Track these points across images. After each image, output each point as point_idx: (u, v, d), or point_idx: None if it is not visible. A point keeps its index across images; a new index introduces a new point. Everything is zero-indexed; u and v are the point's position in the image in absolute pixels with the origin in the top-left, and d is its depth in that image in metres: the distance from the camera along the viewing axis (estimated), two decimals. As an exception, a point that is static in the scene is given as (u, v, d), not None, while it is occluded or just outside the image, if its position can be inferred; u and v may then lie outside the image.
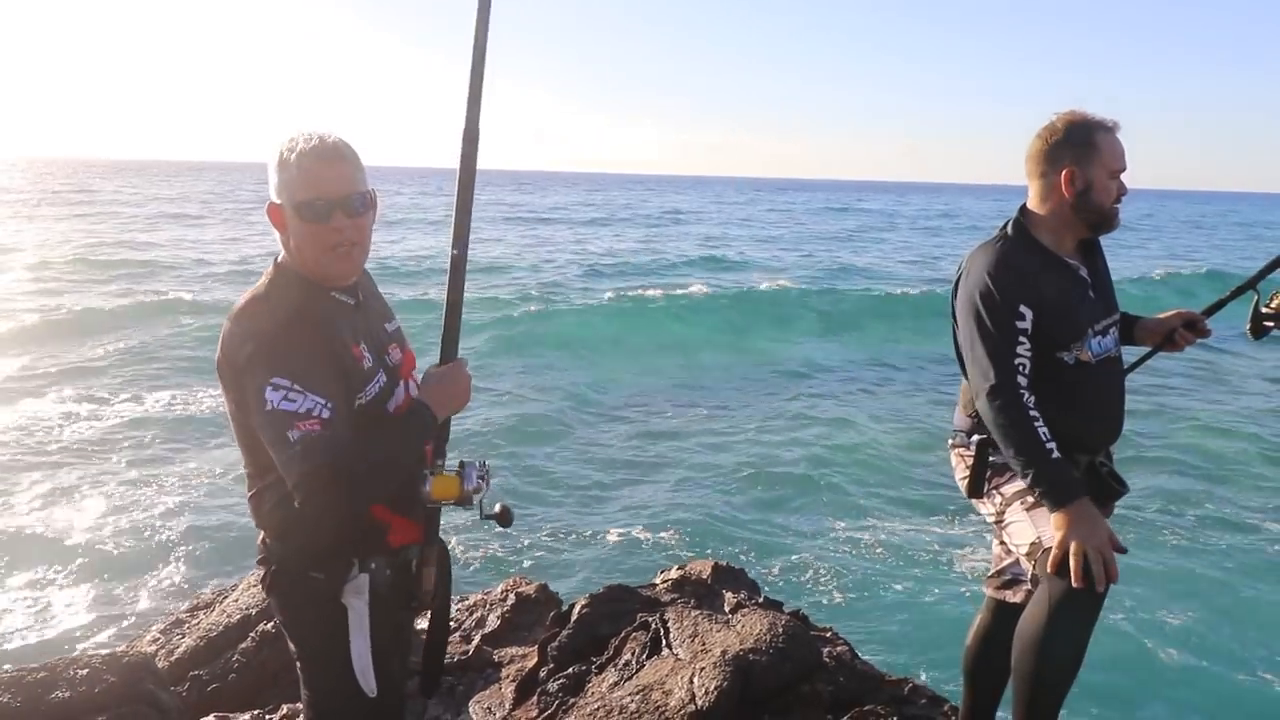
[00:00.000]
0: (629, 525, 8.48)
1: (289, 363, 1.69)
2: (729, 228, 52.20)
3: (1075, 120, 2.34)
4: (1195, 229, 64.89)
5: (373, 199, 1.85)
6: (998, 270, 2.29)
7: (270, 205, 1.82)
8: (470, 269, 2.00)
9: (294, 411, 1.66)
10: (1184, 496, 9.26)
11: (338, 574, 1.84)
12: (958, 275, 2.43)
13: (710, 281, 26.01)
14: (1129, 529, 8.02)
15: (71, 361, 14.48)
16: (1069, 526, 2.15)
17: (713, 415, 12.52)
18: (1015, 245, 2.36)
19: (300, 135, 1.78)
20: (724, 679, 2.82)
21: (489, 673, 3.77)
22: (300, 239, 1.79)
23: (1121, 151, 2.34)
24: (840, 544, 8.18)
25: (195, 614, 4.36)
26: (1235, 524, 8.59)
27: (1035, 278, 2.30)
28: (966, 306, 2.33)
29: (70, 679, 3.15)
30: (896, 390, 14.47)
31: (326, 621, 1.84)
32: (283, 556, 1.86)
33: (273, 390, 1.66)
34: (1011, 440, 2.23)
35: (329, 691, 1.91)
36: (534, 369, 15.30)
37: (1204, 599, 6.98)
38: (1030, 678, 2.24)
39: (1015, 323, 2.26)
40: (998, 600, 2.68)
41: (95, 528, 8.10)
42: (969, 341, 2.33)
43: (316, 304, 1.81)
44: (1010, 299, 2.26)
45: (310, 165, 1.75)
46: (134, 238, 33.99)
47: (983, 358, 2.27)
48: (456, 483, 1.88)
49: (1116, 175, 2.34)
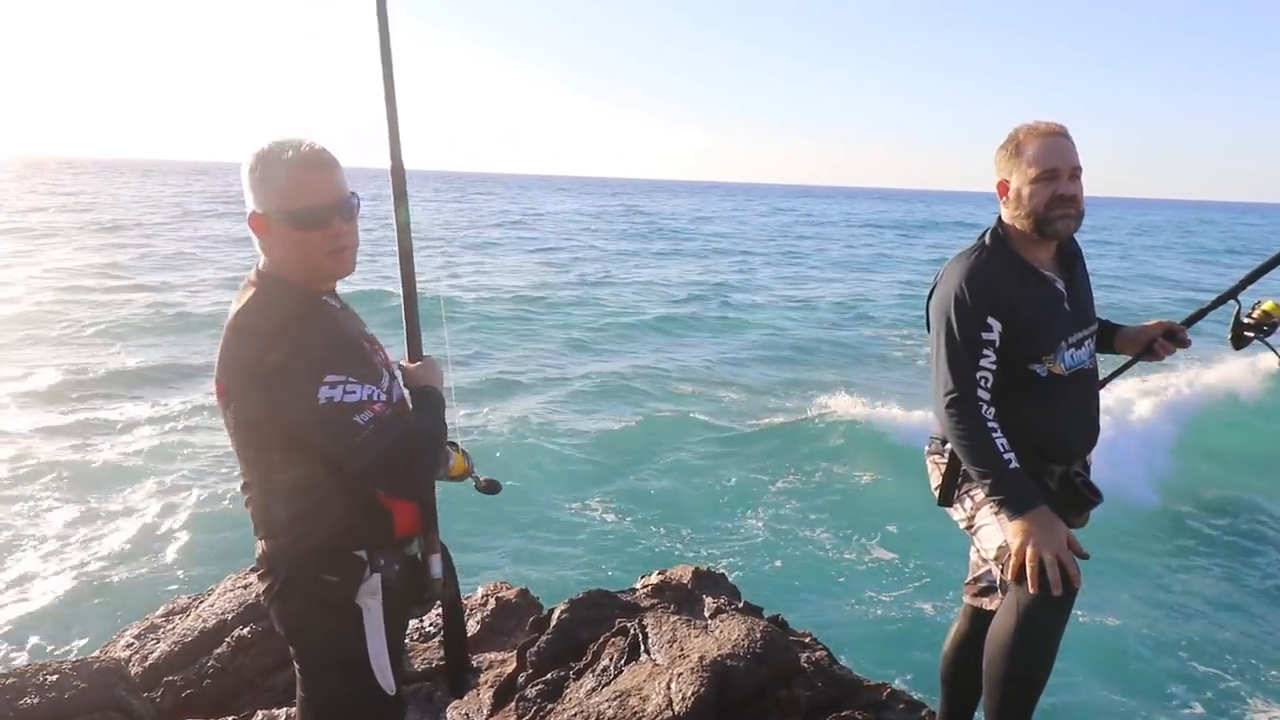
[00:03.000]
0: (612, 530, 8.47)
1: (335, 359, 1.77)
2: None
3: (1013, 130, 2.34)
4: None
5: (359, 200, 1.92)
6: (970, 281, 2.29)
7: (252, 215, 1.83)
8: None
9: (357, 401, 1.75)
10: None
11: (352, 576, 1.85)
12: (933, 284, 2.43)
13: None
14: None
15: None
16: (1026, 534, 2.16)
17: (696, 417, 12.52)
18: (991, 256, 2.35)
19: (282, 145, 1.80)
20: (701, 684, 2.81)
21: (467, 678, 3.75)
22: (294, 246, 1.81)
23: (1051, 153, 2.26)
24: (822, 550, 8.19)
25: (170, 619, 4.31)
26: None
27: (1008, 289, 2.29)
28: (938, 315, 2.34)
29: (39, 685, 3.09)
30: (875, 394, 14.52)
31: (340, 625, 1.86)
32: (292, 562, 1.86)
33: (329, 388, 1.73)
34: (968, 450, 2.25)
35: (341, 695, 1.91)
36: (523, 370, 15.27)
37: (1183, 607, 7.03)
38: (1000, 683, 2.26)
39: (981, 334, 2.25)
40: (974, 607, 2.69)
41: (66, 534, 8.01)
42: (935, 350, 2.33)
43: (316, 307, 1.85)
44: (979, 310, 2.26)
45: (302, 175, 1.78)
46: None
47: (945, 368, 2.28)
48: (463, 460, 2.07)
49: (1046, 178, 2.27)
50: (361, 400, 1.75)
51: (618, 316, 21.38)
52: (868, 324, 22.12)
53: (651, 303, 24.00)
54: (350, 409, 1.73)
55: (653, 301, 24.29)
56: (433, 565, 1.99)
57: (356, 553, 1.86)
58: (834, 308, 24.47)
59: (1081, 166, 2.31)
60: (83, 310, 19.14)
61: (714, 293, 26.08)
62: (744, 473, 10.17)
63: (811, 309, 24.43)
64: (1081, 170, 2.31)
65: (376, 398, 1.78)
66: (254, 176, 1.79)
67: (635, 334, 19.44)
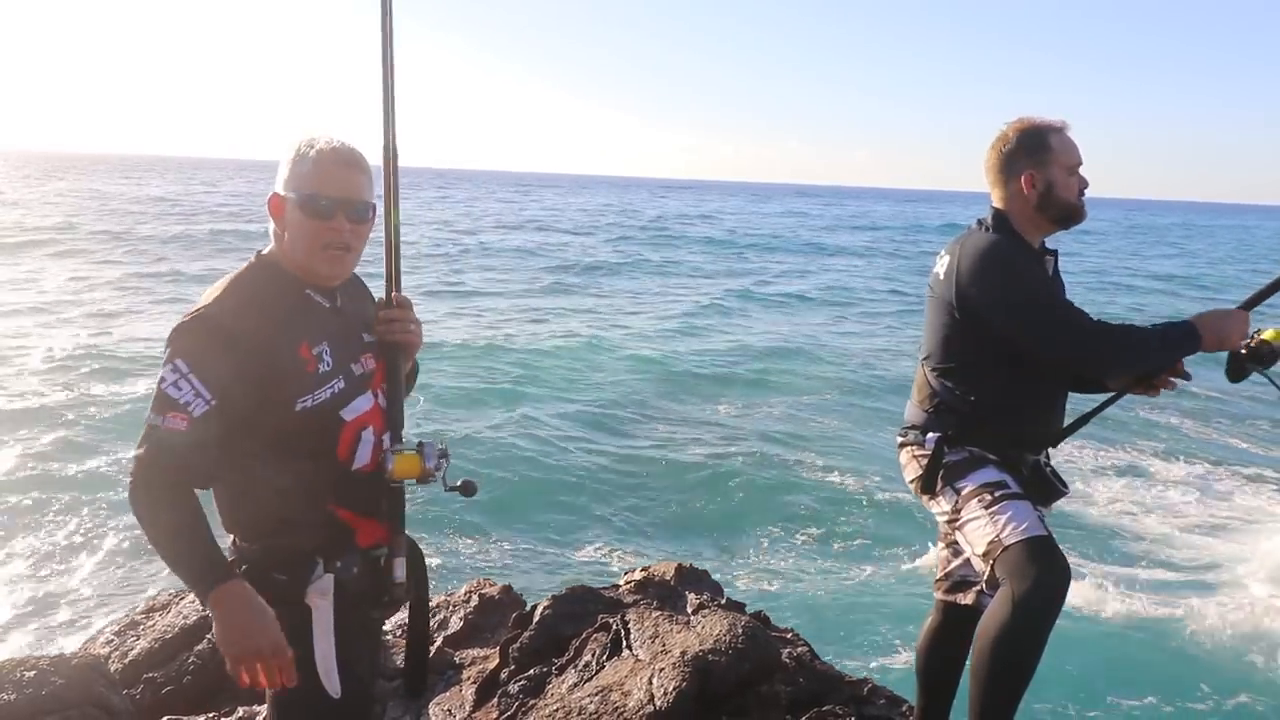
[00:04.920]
0: (597, 527, 8.47)
1: (196, 348, 1.71)
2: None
3: (1025, 127, 2.42)
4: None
5: (375, 212, 1.91)
6: (1015, 248, 2.37)
7: (273, 195, 1.85)
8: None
9: (172, 399, 1.69)
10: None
11: (300, 575, 1.83)
12: (948, 264, 2.42)
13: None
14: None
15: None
16: (1205, 325, 2.27)
17: (680, 419, 12.54)
18: (1003, 235, 2.40)
19: (324, 136, 1.84)
20: (682, 679, 2.82)
21: (450, 674, 3.74)
22: (296, 231, 1.82)
23: (1074, 147, 2.42)
24: (804, 548, 8.23)
25: (150, 615, 4.28)
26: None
27: (1028, 261, 2.38)
28: (1005, 286, 2.31)
29: (16, 681, 3.07)
30: (859, 393, 14.60)
31: (290, 622, 1.81)
32: (248, 557, 1.85)
33: (171, 372, 1.70)
34: (1155, 348, 2.31)
35: (292, 693, 1.89)
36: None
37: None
38: (992, 674, 2.25)
39: (1051, 283, 2.37)
40: (947, 602, 2.71)
41: (48, 531, 7.95)
42: (1031, 313, 2.29)
43: (279, 297, 1.82)
44: (1038, 267, 2.39)
45: (328, 164, 1.81)
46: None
47: (1063, 315, 2.28)
48: (418, 460, 1.88)
49: (1074, 170, 2.40)
50: (176, 400, 1.68)
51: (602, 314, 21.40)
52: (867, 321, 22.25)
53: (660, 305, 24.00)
54: (162, 402, 1.69)
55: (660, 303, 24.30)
56: (396, 569, 1.92)
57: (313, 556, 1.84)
58: (816, 296, 24.60)
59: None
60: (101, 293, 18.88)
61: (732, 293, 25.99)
62: (728, 471, 10.19)
63: (805, 299, 24.64)
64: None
65: (197, 410, 1.68)
66: (288, 158, 1.83)
67: (629, 331, 19.45)
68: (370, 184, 1.87)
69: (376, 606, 1.96)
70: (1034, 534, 2.23)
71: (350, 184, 1.82)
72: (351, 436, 1.87)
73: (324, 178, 1.80)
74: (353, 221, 1.83)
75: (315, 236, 1.81)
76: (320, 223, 1.80)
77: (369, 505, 1.89)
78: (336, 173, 1.81)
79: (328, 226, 1.80)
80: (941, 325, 2.44)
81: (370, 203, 1.87)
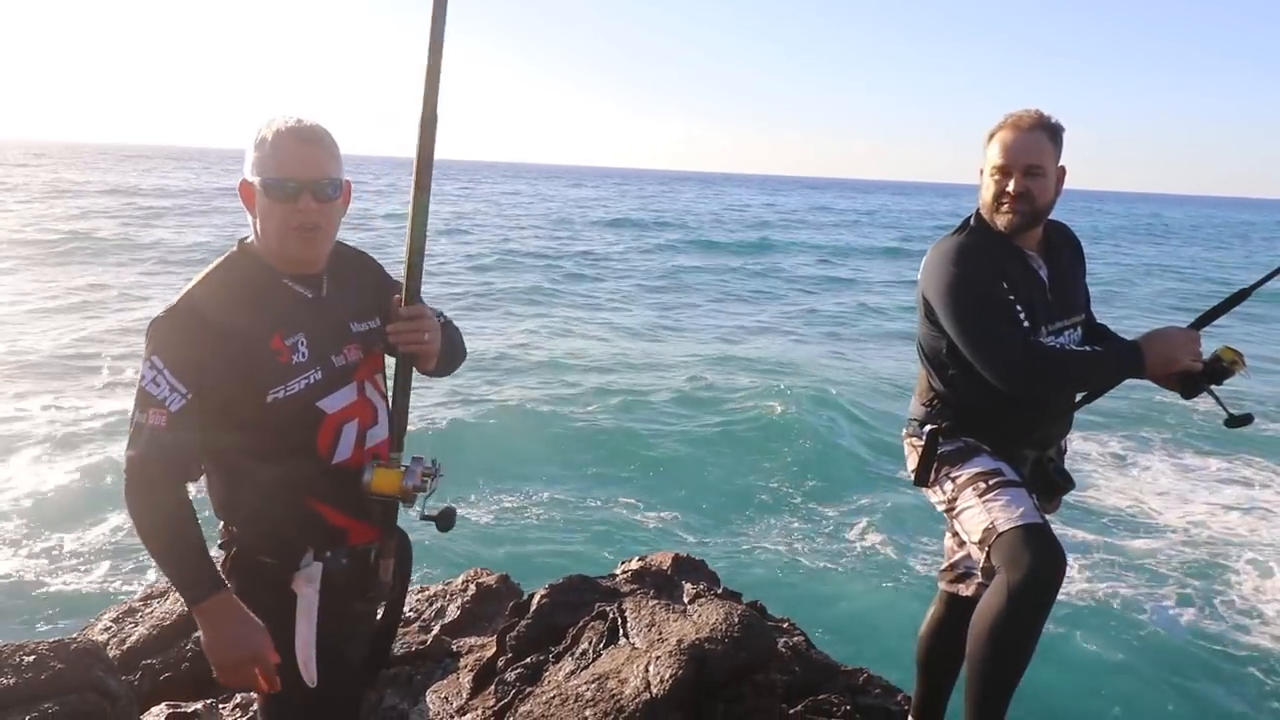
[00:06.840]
0: (593, 516, 8.48)
1: (170, 342, 1.72)
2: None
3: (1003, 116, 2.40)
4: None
5: (345, 188, 1.85)
6: (965, 252, 2.33)
7: (243, 183, 1.82)
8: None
9: (150, 395, 1.70)
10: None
11: (289, 560, 1.84)
12: (923, 270, 2.44)
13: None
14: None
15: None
16: (1151, 346, 2.25)
17: (681, 404, 12.54)
18: (975, 235, 2.39)
19: (281, 116, 1.80)
20: (679, 667, 2.83)
21: (447, 663, 3.76)
22: (265, 216, 1.78)
23: (1007, 148, 2.31)
24: (801, 537, 8.25)
25: (149, 602, 4.29)
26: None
27: (997, 264, 2.34)
28: (943, 292, 2.32)
29: (15, 665, 3.07)
30: (860, 383, 14.59)
31: (275, 607, 1.83)
32: (239, 540, 1.87)
33: (149, 367, 1.71)
34: (1075, 379, 2.30)
35: (280, 680, 1.89)
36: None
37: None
38: (985, 666, 2.27)
39: (995, 291, 2.29)
40: (950, 593, 2.71)
41: (46, 516, 7.95)
42: (959, 324, 2.29)
43: (253, 287, 1.80)
44: (984, 273, 2.30)
45: (286, 145, 1.76)
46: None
47: (984, 331, 2.26)
48: (397, 477, 1.82)
49: (996, 171, 2.33)
50: (154, 396, 1.70)
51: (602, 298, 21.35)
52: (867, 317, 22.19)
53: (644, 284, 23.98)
54: (143, 400, 1.71)
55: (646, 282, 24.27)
56: (382, 571, 1.93)
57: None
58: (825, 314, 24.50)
59: (1040, 164, 2.30)
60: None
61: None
62: (725, 460, 10.21)
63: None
64: (1040, 168, 2.30)
65: (174, 405, 1.69)
66: (252, 142, 1.80)
67: (624, 321, 19.43)
68: (334, 159, 1.81)
69: (361, 599, 1.96)
70: (1028, 521, 2.23)
71: (310, 161, 1.77)
72: (332, 430, 1.84)
73: (284, 158, 1.76)
74: (319, 200, 1.78)
75: (284, 219, 1.77)
76: (286, 205, 1.76)
77: (354, 502, 1.85)
78: (296, 151, 1.76)
79: (293, 209, 1.76)
80: (920, 323, 2.48)
81: (336, 179, 1.81)
